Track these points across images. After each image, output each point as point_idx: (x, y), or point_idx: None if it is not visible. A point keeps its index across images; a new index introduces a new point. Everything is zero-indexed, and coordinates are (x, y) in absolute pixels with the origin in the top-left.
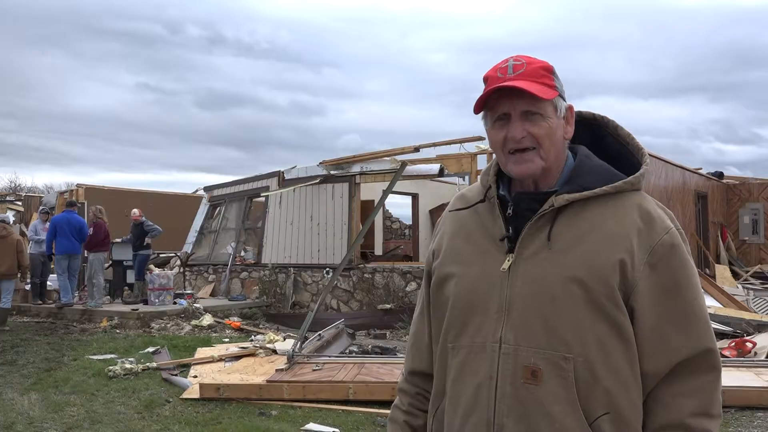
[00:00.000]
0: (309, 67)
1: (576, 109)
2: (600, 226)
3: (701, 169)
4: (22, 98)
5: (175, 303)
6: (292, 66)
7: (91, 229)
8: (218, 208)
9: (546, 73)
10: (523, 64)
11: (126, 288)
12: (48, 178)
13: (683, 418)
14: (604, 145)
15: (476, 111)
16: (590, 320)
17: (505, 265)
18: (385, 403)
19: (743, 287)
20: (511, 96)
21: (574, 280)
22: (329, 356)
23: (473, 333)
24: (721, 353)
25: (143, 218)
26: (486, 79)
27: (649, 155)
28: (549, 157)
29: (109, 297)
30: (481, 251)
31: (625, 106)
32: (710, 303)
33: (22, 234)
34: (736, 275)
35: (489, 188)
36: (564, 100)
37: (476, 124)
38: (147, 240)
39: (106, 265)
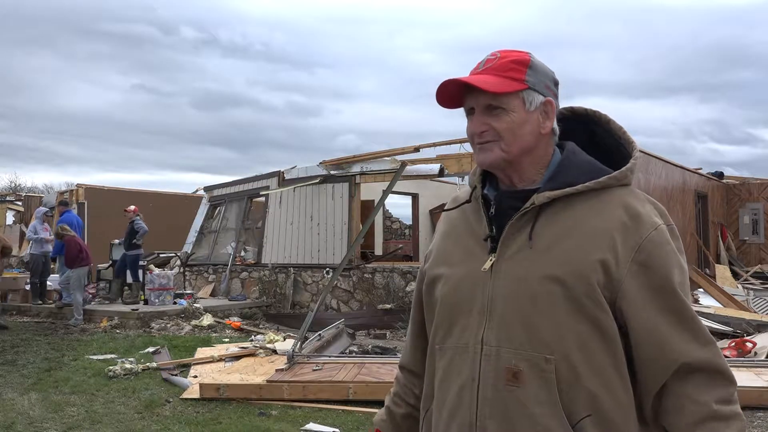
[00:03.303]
0: (298, 68)
1: (562, 107)
2: (582, 223)
3: (701, 169)
4: (16, 99)
5: (175, 303)
6: (281, 67)
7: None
8: (218, 208)
9: (516, 66)
10: (495, 58)
11: (126, 288)
12: (46, 178)
13: (713, 407)
14: (598, 140)
15: (441, 104)
16: (571, 320)
17: (487, 265)
18: None
19: (743, 287)
20: (474, 90)
21: (554, 278)
22: (329, 356)
23: (458, 334)
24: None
25: (136, 217)
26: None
27: (651, 156)
28: (511, 149)
29: (110, 298)
30: (466, 252)
31: (615, 106)
32: (710, 303)
33: (22, 234)
34: (736, 275)
35: (475, 188)
36: (540, 93)
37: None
38: (136, 240)
39: (106, 265)
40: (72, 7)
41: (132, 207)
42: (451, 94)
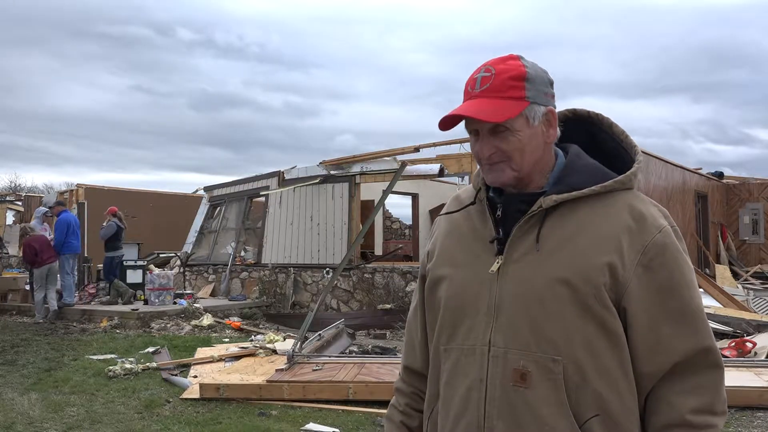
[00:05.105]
0: (294, 69)
1: (564, 108)
2: (589, 226)
3: (701, 169)
4: (12, 99)
5: (175, 303)
6: (277, 68)
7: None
8: (218, 208)
9: (514, 83)
10: (491, 77)
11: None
12: (46, 178)
13: (685, 415)
14: (599, 143)
15: (443, 131)
16: (578, 321)
17: (494, 267)
18: (385, 403)
19: (743, 287)
20: None
21: (561, 281)
22: (329, 356)
23: (464, 336)
24: (720, 353)
25: (113, 219)
26: (464, 90)
27: (651, 156)
28: (522, 167)
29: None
30: (472, 253)
31: (607, 106)
32: (710, 303)
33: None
34: (736, 275)
35: (479, 190)
36: (541, 104)
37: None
38: (108, 242)
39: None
40: (71, 8)
41: (109, 208)
42: (453, 118)
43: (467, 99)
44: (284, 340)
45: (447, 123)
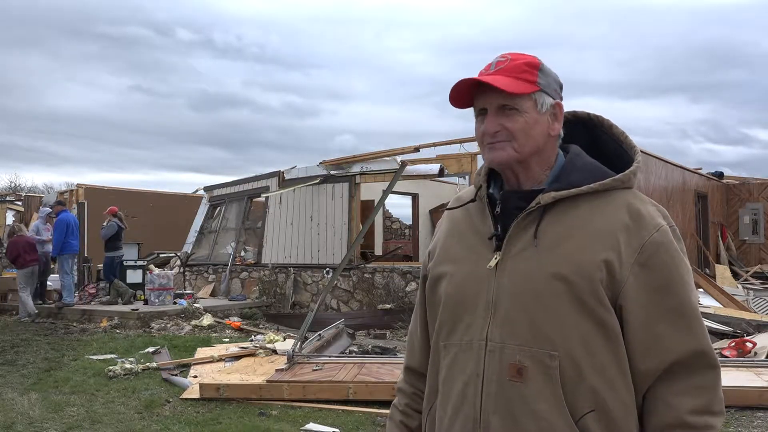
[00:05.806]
0: (293, 69)
1: (568, 109)
2: (587, 223)
3: (701, 169)
4: (10, 99)
5: (175, 303)
6: (276, 68)
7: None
8: (218, 208)
9: (528, 68)
10: (506, 60)
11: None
12: (45, 178)
13: (683, 416)
14: (600, 145)
15: (453, 104)
16: (575, 317)
17: (492, 262)
18: (385, 403)
19: (743, 287)
20: (487, 91)
21: (559, 276)
22: (329, 356)
23: (463, 331)
24: (721, 353)
25: (114, 219)
26: (478, 73)
27: (650, 156)
28: (524, 150)
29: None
30: (471, 250)
31: (606, 106)
32: (710, 303)
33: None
34: (736, 275)
35: (480, 188)
36: (550, 96)
37: (459, 125)
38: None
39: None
40: (70, 8)
41: (109, 208)
42: (463, 94)
43: (480, 76)
44: (284, 340)
45: (460, 98)
